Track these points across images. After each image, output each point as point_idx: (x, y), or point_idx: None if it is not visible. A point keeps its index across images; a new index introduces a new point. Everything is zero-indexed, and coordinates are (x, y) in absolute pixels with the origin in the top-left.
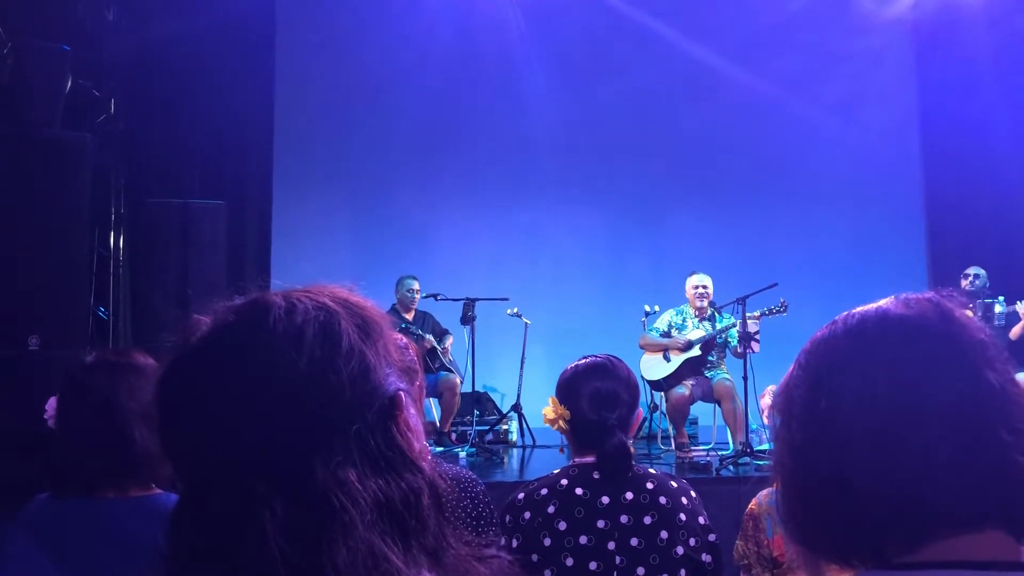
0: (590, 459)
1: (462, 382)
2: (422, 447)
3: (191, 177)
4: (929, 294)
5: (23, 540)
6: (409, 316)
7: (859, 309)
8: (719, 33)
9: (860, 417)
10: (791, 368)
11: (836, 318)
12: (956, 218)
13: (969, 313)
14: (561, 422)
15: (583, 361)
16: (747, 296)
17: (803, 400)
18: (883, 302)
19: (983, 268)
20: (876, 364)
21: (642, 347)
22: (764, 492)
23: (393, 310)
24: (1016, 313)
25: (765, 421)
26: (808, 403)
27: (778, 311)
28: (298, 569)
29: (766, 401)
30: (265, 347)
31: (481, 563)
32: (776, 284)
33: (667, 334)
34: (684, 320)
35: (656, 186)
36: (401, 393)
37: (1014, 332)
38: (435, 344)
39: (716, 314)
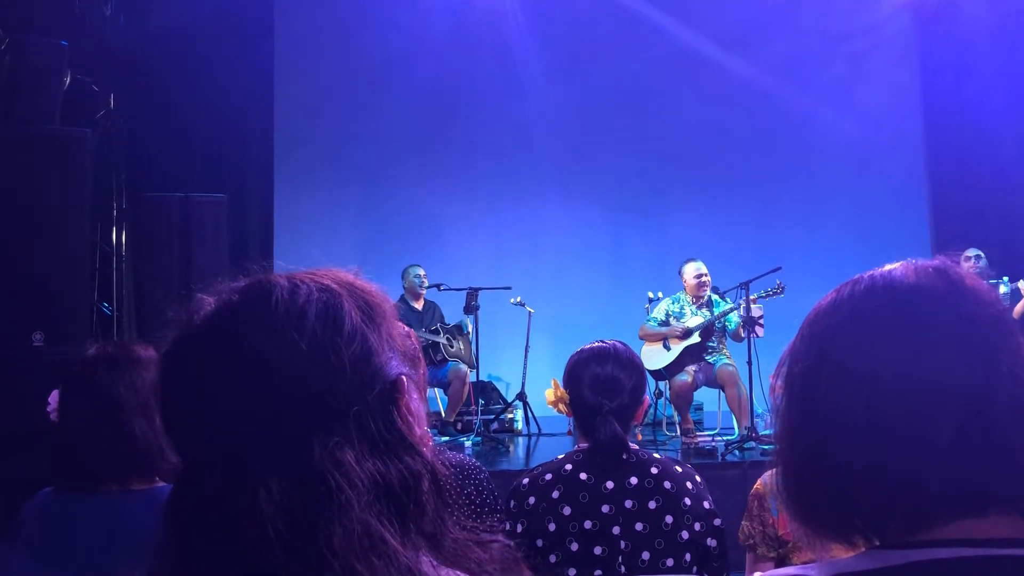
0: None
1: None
2: (423, 433)
3: (192, 170)
4: (938, 261)
5: (28, 534)
6: (419, 304)
7: (867, 275)
8: (717, 19)
9: (858, 400)
10: (793, 340)
11: (842, 285)
12: (959, 200)
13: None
14: (562, 405)
15: (589, 346)
16: (750, 281)
17: (803, 378)
18: (892, 267)
19: (986, 249)
20: (879, 343)
21: (642, 338)
22: (769, 472)
23: (402, 300)
24: (1019, 291)
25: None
26: (807, 382)
27: (775, 292)
28: (293, 547)
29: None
30: (267, 326)
31: (480, 548)
32: (779, 268)
33: (665, 323)
34: (682, 308)
35: (656, 173)
36: (403, 378)
37: (1016, 311)
38: (441, 340)
39: (714, 299)
